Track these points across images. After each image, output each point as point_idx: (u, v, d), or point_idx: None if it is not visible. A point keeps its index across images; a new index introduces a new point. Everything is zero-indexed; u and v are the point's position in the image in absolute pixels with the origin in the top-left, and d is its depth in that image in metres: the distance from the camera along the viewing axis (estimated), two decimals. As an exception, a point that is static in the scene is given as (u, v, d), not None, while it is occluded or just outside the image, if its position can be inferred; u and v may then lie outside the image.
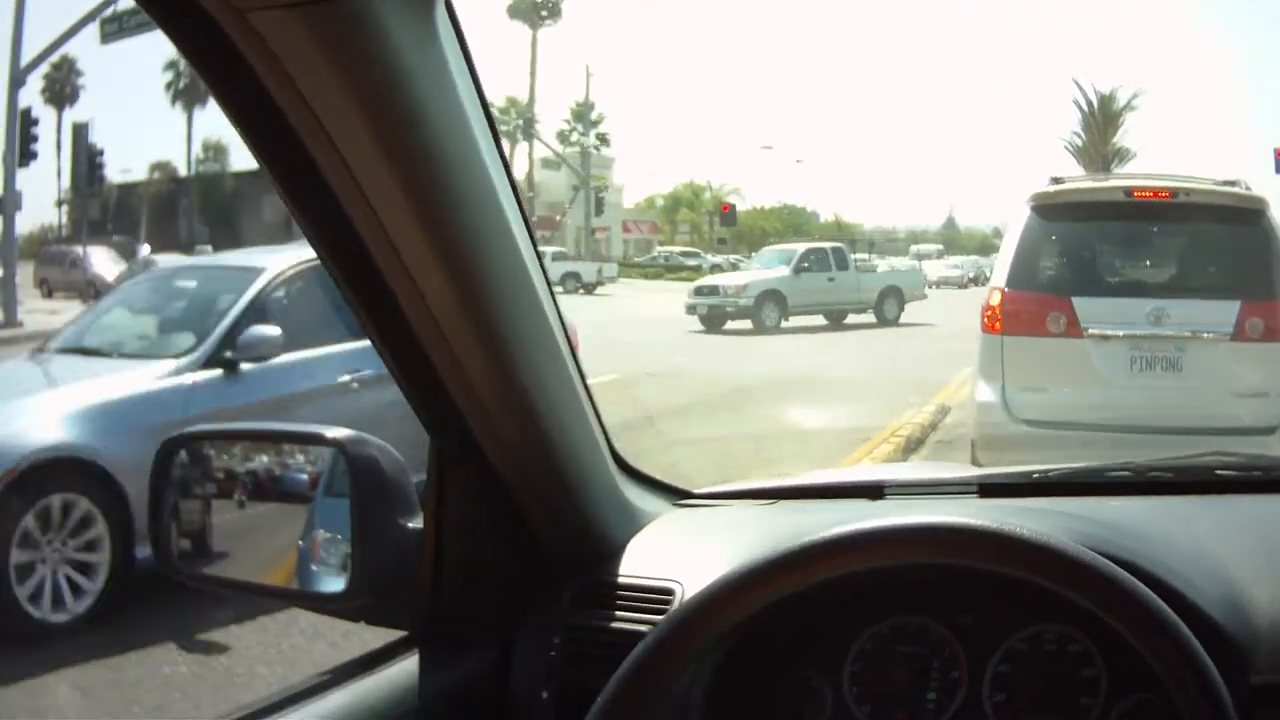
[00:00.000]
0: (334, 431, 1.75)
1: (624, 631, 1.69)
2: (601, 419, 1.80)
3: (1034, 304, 7.84)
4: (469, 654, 1.75)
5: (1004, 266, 8.04)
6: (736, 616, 1.38)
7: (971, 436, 8.41)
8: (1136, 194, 7.98)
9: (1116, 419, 7.32)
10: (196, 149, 59.79)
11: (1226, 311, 7.61)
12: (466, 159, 1.40)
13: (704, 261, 43.76)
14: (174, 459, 1.88)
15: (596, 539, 1.82)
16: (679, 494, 2.05)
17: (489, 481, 1.70)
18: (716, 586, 1.38)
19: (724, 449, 10.23)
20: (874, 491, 1.95)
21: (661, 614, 1.64)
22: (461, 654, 1.75)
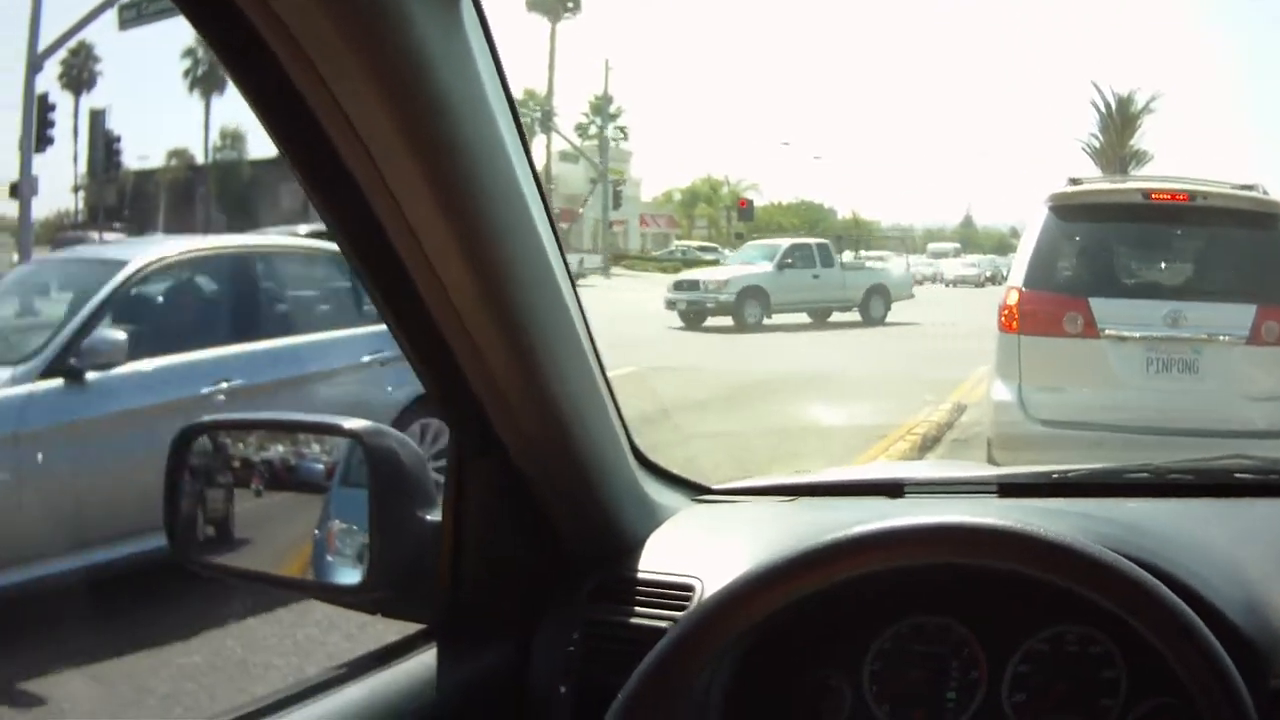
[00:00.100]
0: (351, 422, 1.75)
1: (643, 628, 1.68)
2: (621, 413, 1.79)
3: (1051, 304, 7.82)
4: (487, 648, 1.75)
5: (1021, 266, 8.02)
6: (758, 614, 1.37)
7: (988, 435, 8.39)
8: (1154, 196, 7.96)
9: (1132, 420, 7.30)
10: (214, 136, 59.82)
11: (1243, 315, 7.59)
12: (490, 149, 1.39)
13: (721, 256, 43.63)
14: (189, 447, 1.87)
15: (616, 534, 1.81)
16: (698, 489, 2.05)
17: (509, 475, 1.69)
18: (738, 584, 1.37)
19: (743, 444, 10.23)
20: (893, 490, 1.94)
21: (681, 610, 1.64)
22: (480, 648, 1.74)
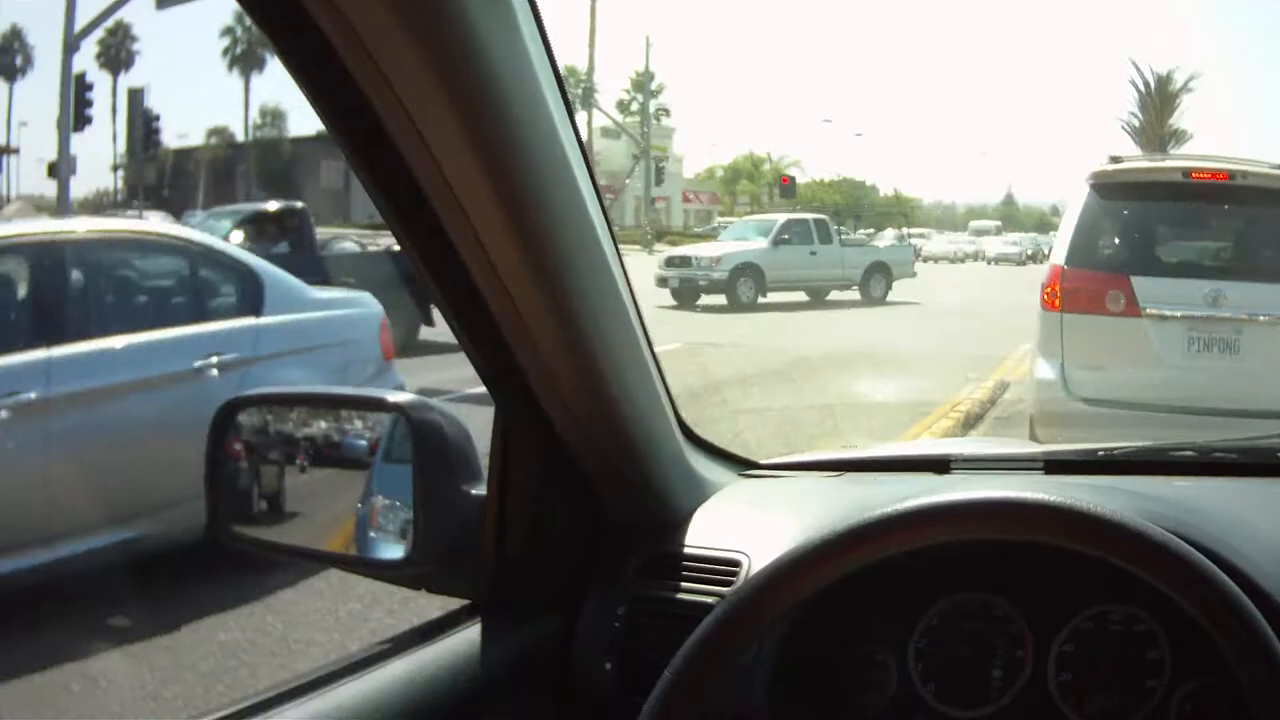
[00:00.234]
0: (395, 396, 1.74)
1: (690, 603, 1.67)
2: (669, 388, 1.78)
3: (1093, 282, 7.79)
4: (532, 623, 1.74)
5: (1063, 244, 7.99)
6: (806, 589, 1.35)
7: (1030, 413, 8.38)
8: (1195, 175, 7.90)
9: (1174, 399, 7.28)
10: (254, 114, 60.15)
11: None
12: (537, 123, 1.38)
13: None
14: (231, 423, 1.86)
15: (663, 509, 1.80)
16: (745, 464, 2.03)
17: (554, 450, 1.68)
18: (786, 559, 1.35)
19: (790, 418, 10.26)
20: (940, 466, 1.93)
21: (728, 586, 1.63)
22: (524, 623, 1.73)
